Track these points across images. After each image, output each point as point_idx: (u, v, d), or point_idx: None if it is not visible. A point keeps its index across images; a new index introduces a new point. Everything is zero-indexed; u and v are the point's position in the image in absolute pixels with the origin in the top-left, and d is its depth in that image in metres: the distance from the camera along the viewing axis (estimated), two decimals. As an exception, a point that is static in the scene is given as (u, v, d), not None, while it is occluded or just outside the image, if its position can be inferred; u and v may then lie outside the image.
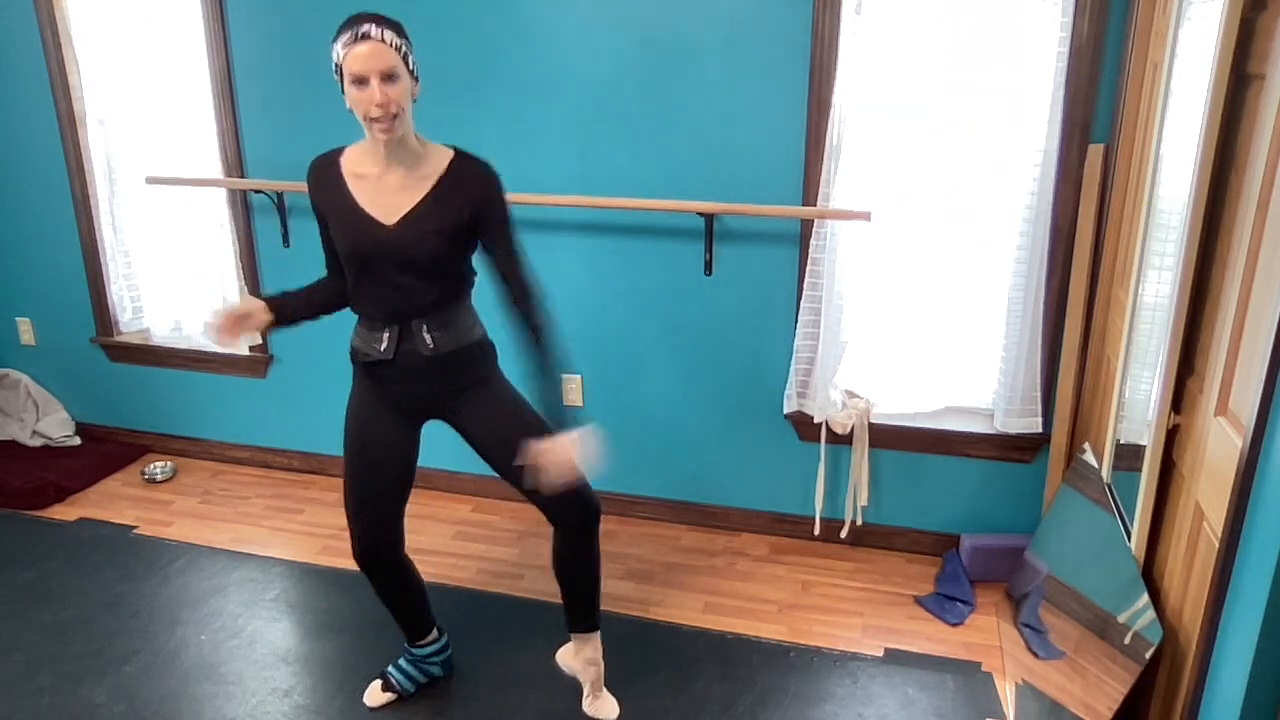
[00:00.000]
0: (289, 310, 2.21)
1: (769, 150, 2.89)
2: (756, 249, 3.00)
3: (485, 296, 2.16)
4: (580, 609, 2.34)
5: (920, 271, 2.93)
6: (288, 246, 3.45)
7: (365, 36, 1.87)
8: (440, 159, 2.05)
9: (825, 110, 2.77)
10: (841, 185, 2.81)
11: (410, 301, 2.07)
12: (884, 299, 2.99)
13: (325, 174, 2.09)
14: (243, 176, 3.41)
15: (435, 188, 2.02)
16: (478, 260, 2.15)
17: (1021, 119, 2.70)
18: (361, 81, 1.89)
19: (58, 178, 3.65)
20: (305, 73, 3.21)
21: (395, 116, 1.92)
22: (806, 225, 2.91)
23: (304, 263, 3.44)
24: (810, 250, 2.88)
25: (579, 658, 2.40)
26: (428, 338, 2.09)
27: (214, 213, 3.51)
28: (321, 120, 3.26)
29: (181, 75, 3.40)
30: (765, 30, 2.79)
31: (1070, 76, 2.60)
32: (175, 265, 3.71)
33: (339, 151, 2.11)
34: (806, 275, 2.91)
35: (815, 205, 2.86)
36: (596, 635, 2.39)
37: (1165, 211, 2.17)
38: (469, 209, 2.03)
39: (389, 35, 1.89)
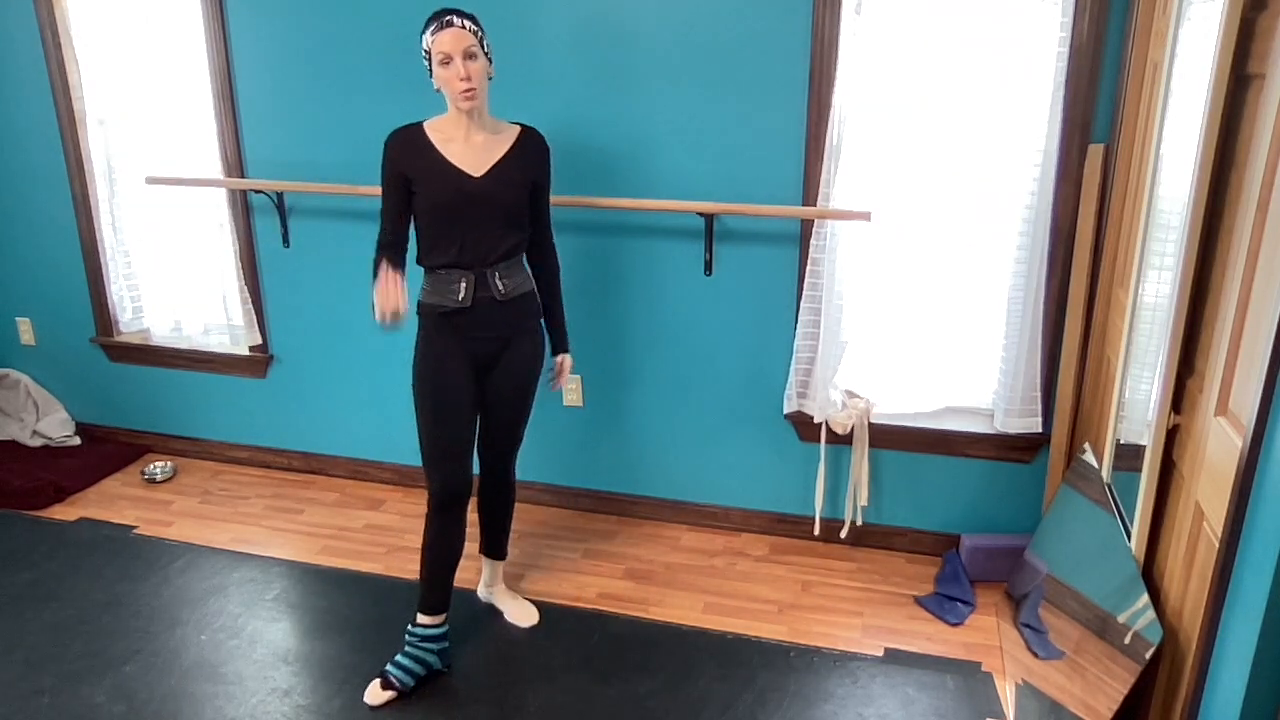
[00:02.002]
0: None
1: (769, 150, 2.89)
2: (756, 249, 3.01)
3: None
4: (493, 539, 2.79)
5: (920, 272, 2.93)
6: (288, 246, 3.45)
7: (449, 24, 2.26)
8: (512, 130, 2.46)
9: (825, 110, 2.77)
10: (841, 185, 2.81)
11: (488, 249, 2.39)
12: (884, 299, 2.99)
13: (411, 141, 2.38)
14: (243, 176, 3.41)
15: (513, 148, 2.43)
16: None
17: (1021, 119, 2.69)
18: (447, 61, 2.26)
19: (58, 178, 3.65)
20: (305, 73, 3.21)
21: (476, 89, 2.29)
22: (806, 225, 2.91)
23: (304, 263, 3.47)
24: (810, 250, 2.88)
25: (483, 579, 2.87)
26: (500, 283, 2.42)
27: (214, 213, 3.51)
28: (321, 120, 3.27)
29: (181, 75, 3.40)
30: (765, 30, 2.79)
31: (1070, 76, 2.60)
32: (175, 265, 3.70)
33: (418, 124, 2.39)
34: (806, 275, 2.91)
35: (815, 205, 2.86)
36: (501, 563, 2.85)
37: (1165, 211, 2.17)
38: (535, 168, 2.47)
39: (467, 23, 2.28)
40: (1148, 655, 1.85)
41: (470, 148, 2.38)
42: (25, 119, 3.61)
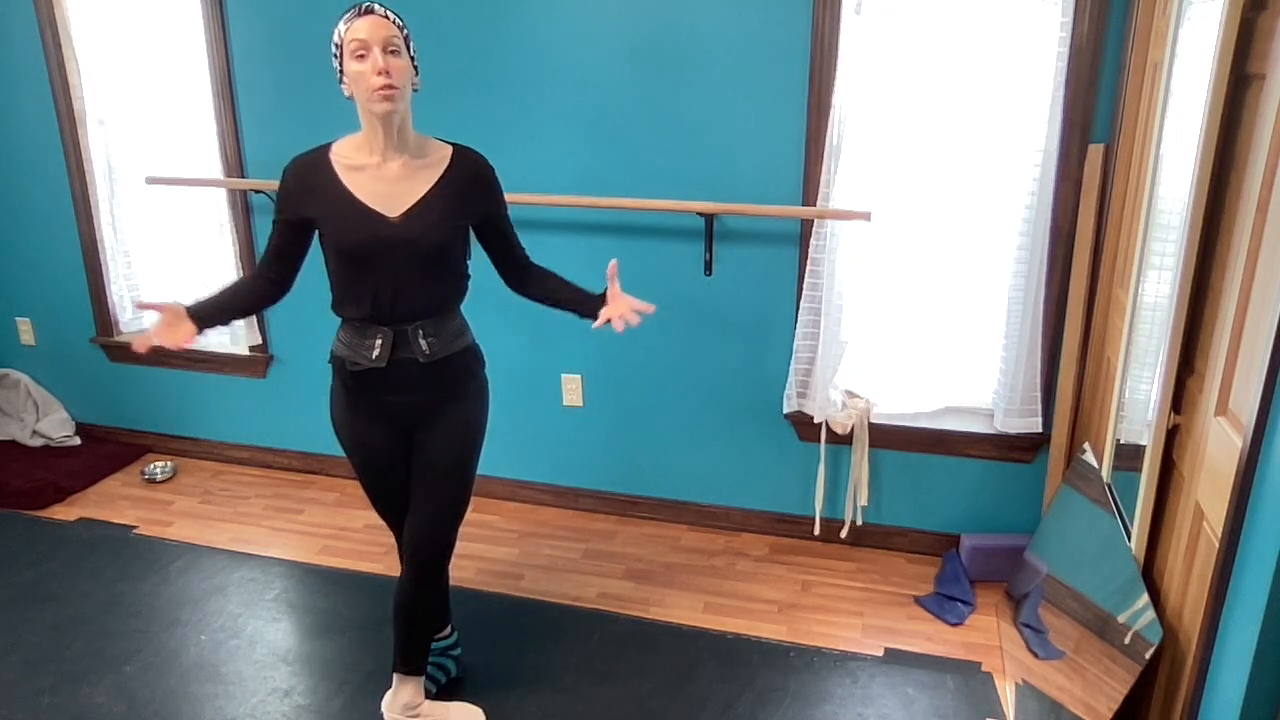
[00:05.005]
0: (207, 319, 2.06)
1: (769, 150, 2.89)
2: (756, 249, 3.00)
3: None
4: (412, 650, 2.26)
5: (920, 271, 2.93)
6: (288, 246, 3.45)
7: (370, 11, 1.90)
8: (442, 150, 2.05)
9: (825, 111, 2.77)
10: (841, 185, 2.81)
11: (410, 301, 2.01)
12: (884, 299, 2.99)
13: (312, 172, 2.00)
14: (243, 176, 3.41)
15: (442, 178, 2.01)
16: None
17: (1021, 119, 2.69)
18: (363, 54, 1.87)
19: (58, 178, 3.65)
20: (305, 73, 3.21)
21: (397, 90, 1.89)
22: (806, 225, 2.91)
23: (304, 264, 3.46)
24: (810, 250, 2.88)
25: (397, 701, 2.25)
26: (423, 343, 2.03)
27: (214, 213, 3.51)
28: (321, 121, 3.24)
29: (181, 75, 3.40)
30: (765, 30, 2.79)
31: (1070, 76, 2.60)
32: (175, 265, 3.70)
33: (325, 148, 2.02)
34: (806, 275, 2.91)
35: (815, 205, 2.87)
36: (421, 679, 2.28)
37: (1165, 211, 2.17)
38: (479, 201, 2.07)
39: (392, 15, 1.93)
40: (1148, 655, 1.85)
41: (384, 177, 1.97)
42: (25, 119, 3.61)
